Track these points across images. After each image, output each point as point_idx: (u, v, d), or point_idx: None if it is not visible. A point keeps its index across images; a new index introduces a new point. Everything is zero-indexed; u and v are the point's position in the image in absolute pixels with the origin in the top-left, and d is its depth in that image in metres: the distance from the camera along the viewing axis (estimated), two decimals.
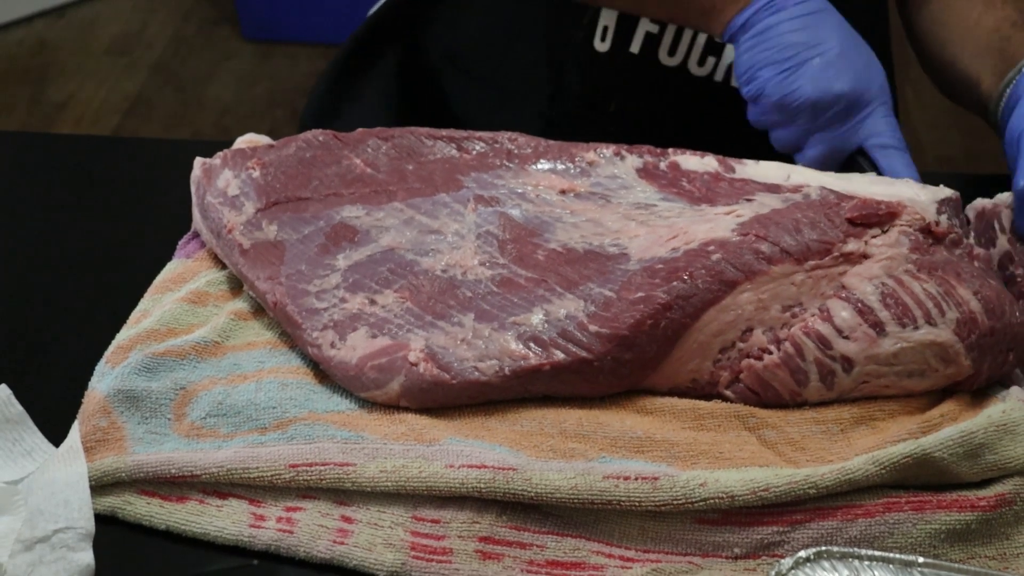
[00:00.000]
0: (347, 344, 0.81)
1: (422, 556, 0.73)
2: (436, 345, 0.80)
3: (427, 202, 0.89)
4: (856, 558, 0.69)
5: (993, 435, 0.74)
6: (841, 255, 0.80)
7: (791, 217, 0.82)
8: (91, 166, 1.09)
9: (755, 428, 0.79)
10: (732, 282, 0.79)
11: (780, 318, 0.80)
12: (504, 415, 0.80)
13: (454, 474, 0.74)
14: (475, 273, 0.84)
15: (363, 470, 0.75)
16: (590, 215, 0.87)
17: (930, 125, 2.61)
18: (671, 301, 0.79)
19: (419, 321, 0.82)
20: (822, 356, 0.79)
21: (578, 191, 0.89)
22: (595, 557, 0.73)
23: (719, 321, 0.80)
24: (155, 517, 0.76)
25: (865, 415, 0.80)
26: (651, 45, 1.10)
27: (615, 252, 0.84)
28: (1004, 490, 0.73)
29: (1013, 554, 0.73)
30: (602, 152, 0.91)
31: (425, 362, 0.79)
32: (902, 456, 0.73)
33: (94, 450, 0.78)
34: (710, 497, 0.72)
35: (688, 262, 0.80)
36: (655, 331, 0.79)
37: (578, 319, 0.80)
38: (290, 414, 0.79)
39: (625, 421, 0.79)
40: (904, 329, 0.79)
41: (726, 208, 0.85)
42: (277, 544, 0.74)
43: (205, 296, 0.89)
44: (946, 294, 0.79)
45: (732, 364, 0.81)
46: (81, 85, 2.79)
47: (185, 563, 0.74)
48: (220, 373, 0.83)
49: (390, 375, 0.79)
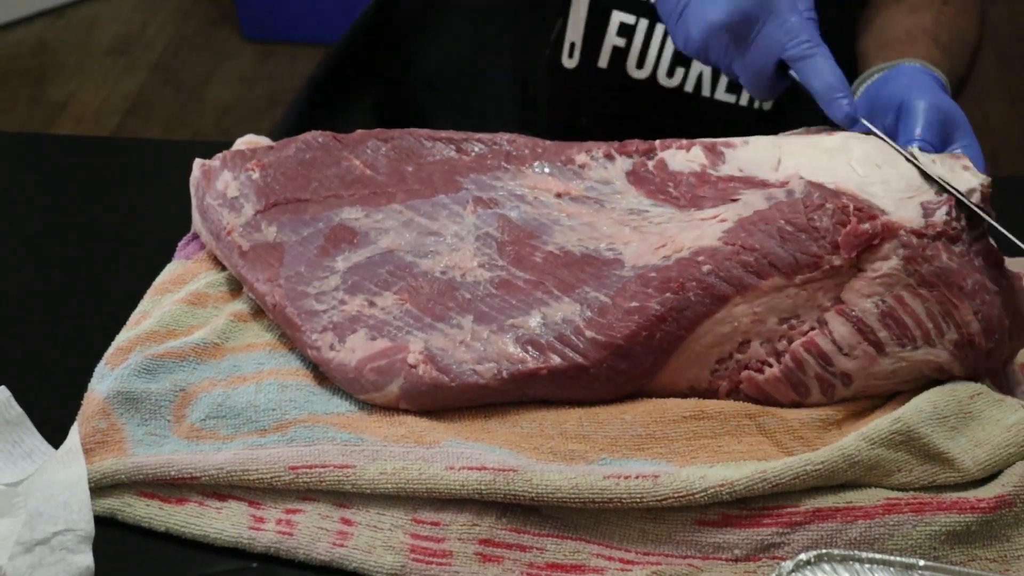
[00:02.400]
0: (346, 346, 0.81)
1: (421, 558, 0.73)
2: (435, 347, 0.80)
3: (426, 204, 0.89)
4: (857, 561, 0.69)
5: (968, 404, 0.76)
6: (831, 268, 0.79)
7: (775, 224, 0.80)
8: (91, 166, 1.09)
9: (755, 415, 0.79)
10: (724, 296, 0.79)
11: (777, 330, 0.80)
12: (504, 417, 0.80)
13: (454, 476, 0.74)
14: (474, 275, 0.84)
15: (363, 472, 0.75)
16: (585, 219, 0.87)
17: None
18: (665, 313, 0.79)
19: (418, 323, 0.82)
20: (823, 372, 0.79)
21: (573, 194, 0.89)
22: (595, 560, 0.73)
23: (714, 333, 0.80)
24: (154, 519, 0.75)
25: (860, 407, 0.81)
26: (619, 59, 1.11)
27: (610, 257, 0.84)
28: (1004, 492, 0.73)
29: (1013, 556, 0.72)
30: (594, 154, 0.91)
31: (424, 364, 0.79)
32: (889, 431, 0.74)
33: (93, 452, 0.78)
34: (710, 487, 0.72)
35: (680, 272, 0.80)
36: (650, 342, 0.79)
37: (575, 324, 0.80)
38: (290, 416, 0.79)
39: (625, 416, 0.79)
40: (903, 349, 0.79)
41: (712, 212, 0.84)
42: (276, 546, 0.74)
43: (205, 297, 0.89)
44: (947, 314, 0.79)
45: (730, 375, 0.81)
46: (81, 85, 2.79)
47: (184, 566, 0.74)
48: (220, 375, 0.82)
49: (389, 377, 0.79)
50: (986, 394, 0.78)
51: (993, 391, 0.79)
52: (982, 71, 2.76)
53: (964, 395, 0.77)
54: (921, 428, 0.75)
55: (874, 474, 0.74)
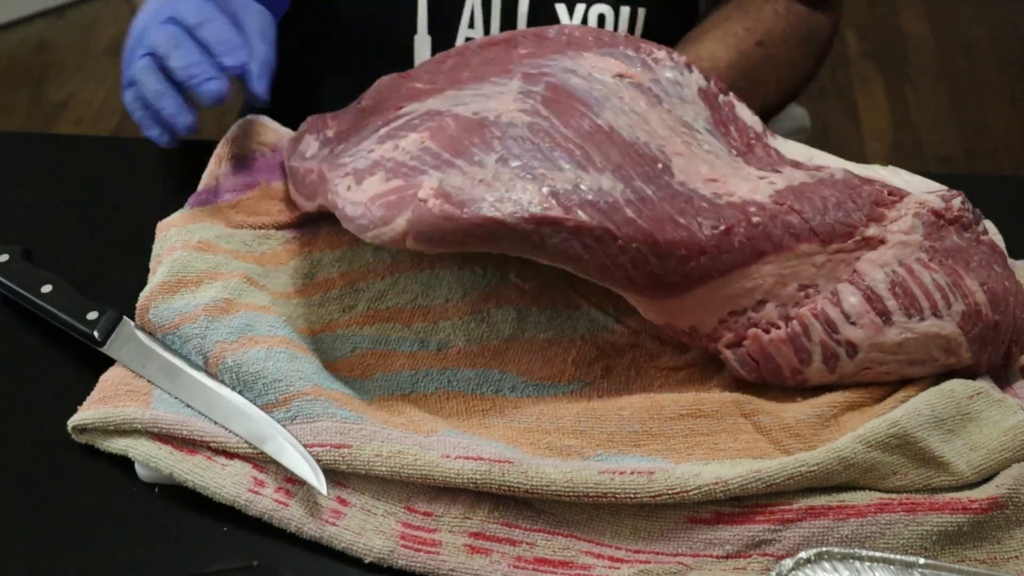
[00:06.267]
0: (361, 188, 0.78)
1: (411, 546, 0.73)
2: (450, 185, 0.75)
3: (476, 84, 0.86)
4: (857, 559, 0.69)
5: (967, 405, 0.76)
6: (862, 239, 0.80)
7: (820, 193, 0.81)
8: (91, 166, 1.08)
9: (751, 414, 0.79)
10: (762, 252, 0.79)
11: (794, 296, 0.80)
12: (502, 412, 0.80)
13: (450, 464, 0.74)
14: (510, 116, 0.79)
15: (359, 452, 0.75)
16: (639, 109, 0.84)
17: (930, 125, 2.61)
18: (707, 246, 0.78)
19: (436, 160, 0.77)
20: (828, 339, 0.79)
21: (634, 79, 0.86)
22: (584, 557, 0.73)
23: (739, 286, 0.80)
24: (162, 461, 0.76)
25: (857, 401, 0.81)
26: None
27: (660, 157, 0.81)
28: (997, 493, 0.74)
29: (1003, 558, 0.73)
30: (675, 57, 0.88)
31: (435, 199, 0.74)
32: (886, 435, 0.74)
33: (120, 399, 0.80)
34: (704, 485, 0.72)
35: (731, 215, 0.79)
36: (683, 266, 0.78)
37: (614, 198, 0.76)
38: (295, 387, 0.79)
39: (622, 413, 0.79)
40: (910, 320, 0.79)
41: (760, 173, 0.84)
42: (271, 514, 0.75)
43: (214, 247, 0.89)
44: (954, 285, 0.79)
45: (738, 329, 0.81)
46: (81, 85, 2.79)
47: (186, 562, 0.74)
48: (231, 335, 0.81)
49: (397, 211, 0.74)
50: (985, 394, 0.78)
51: (993, 391, 0.79)
52: (982, 71, 2.76)
53: (963, 395, 0.77)
54: (918, 432, 0.75)
55: (869, 477, 0.75)
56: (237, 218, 0.93)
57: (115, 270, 0.94)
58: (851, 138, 2.57)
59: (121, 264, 0.94)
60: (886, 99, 2.69)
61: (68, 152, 1.13)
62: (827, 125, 2.59)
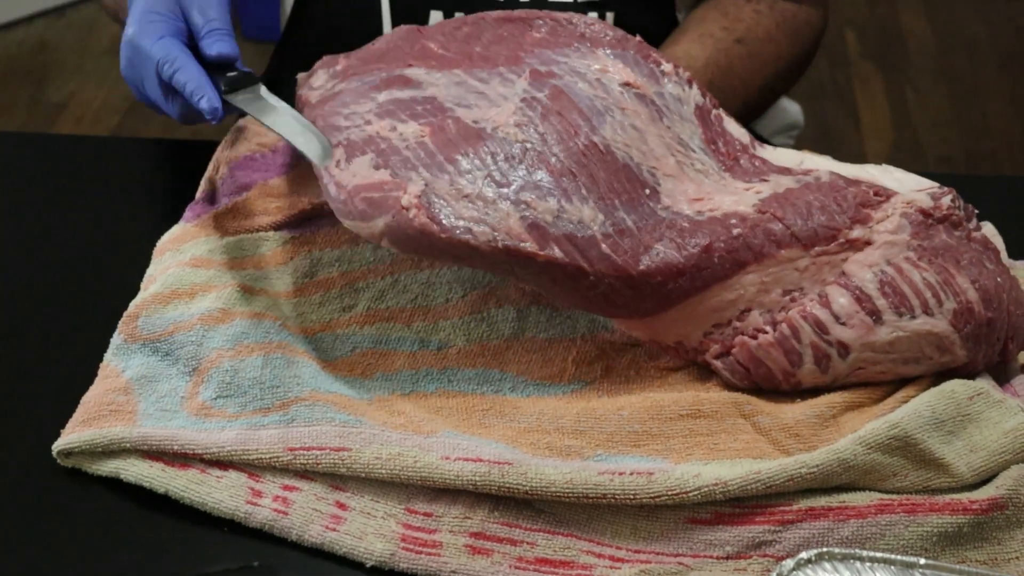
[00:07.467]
0: (349, 168, 0.80)
1: (411, 548, 0.73)
2: (434, 194, 0.78)
3: (484, 72, 0.88)
4: (858, 559, 0.69)
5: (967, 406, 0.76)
6: (847, 241, 0.80)
7: (804, 199, 0.82)
8: (91, 166, 1.09)
9: (750, 415, 0.79)
10: (743, 263, 0.80)
11: (779, 301, 0.81)
12: (502, 411, 0.80)
13: (449, 466, 0.74)
14: (506, 132, 0.82)
15: (359, 455, 0.75)
16: (639, 123, 0.85)
17: (930, 125, 2.61)
18: (685, 267, 0.79)
19: (429, 159, 0.80)
20: (818, 340, 0.79)
21: (640, 90, 0.87)
22: (585, 556, 0.73)
23: (720, 298, 0.80)
24: (155, 480, 0.76)
25: (856, 401, 0.81)
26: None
27: (649, 181, 0.82)
28: (997, 494, 0.74)
29: (1004, 559, 0.73)
30: (680, 71, 0.89)
31: (417, 209, 0.77)
32: (887, 437, 0.74)
33: (105, 419, 0.79)
34: (704, 486, 0.72)
35: (710, 232, 0.80)
36: (661, 289, 0.79)
37: (592, 231, 0.78)
38: (293, 393, 0.79)
39: (622, 413, 0.79)
40: (901, 318, 0.79)
41: (745, 184, 0.84)
42: (271, 524, 0.75)
43: (206, 262, 0.89)
44: (944, 283, 0.79)
45: (724, 339, 0.81)
46: (81, 85, 2.78)
47: (185, 563, 0.74)
48: (227, 343, 0.82)
49: (378, 212, 0.78)
50: (986, 395, 0.78)
51: (994, 392, 0.79)
52: (982, 71, 2.76)
53: (963, 397, 0.77)
54: (918, 434, 0.75)
55: (868, 478, 0.75)
56: (234, 224, 0.93)
57: (115, 270, 0.94)
58: (851, 138, 2.56)
59: (121, 264, 0.94)
60: (886, 99, 2.69)
61: (68, 152, 1.13)
62: (827, 125, 2.59)
